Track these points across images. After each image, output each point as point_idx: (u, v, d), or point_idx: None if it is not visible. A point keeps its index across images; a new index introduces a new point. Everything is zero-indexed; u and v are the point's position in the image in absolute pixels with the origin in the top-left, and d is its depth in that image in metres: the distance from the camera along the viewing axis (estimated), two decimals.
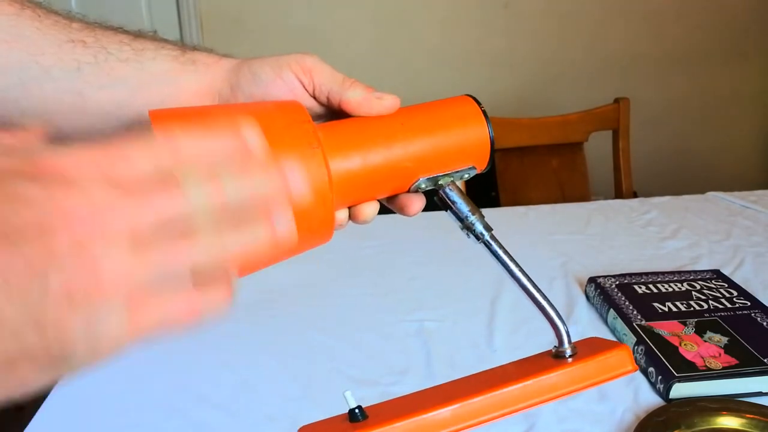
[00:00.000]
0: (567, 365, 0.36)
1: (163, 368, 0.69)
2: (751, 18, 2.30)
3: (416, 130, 0.37)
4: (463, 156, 0.39)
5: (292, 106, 0.34)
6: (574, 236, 1.01)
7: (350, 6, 2.18)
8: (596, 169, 1.74)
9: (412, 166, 0.37)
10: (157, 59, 0.38)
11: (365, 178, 0.35)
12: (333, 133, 0.35)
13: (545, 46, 2.27)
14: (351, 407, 0.35)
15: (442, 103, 0.40)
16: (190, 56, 0.39)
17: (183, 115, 0.33)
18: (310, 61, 0.37)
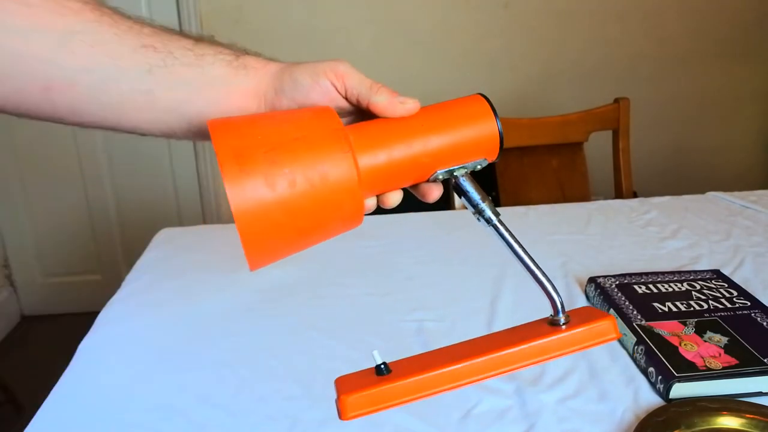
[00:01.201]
0: (561, 331, 0.44)
1: (163, 368, 0.69)
2: (752, 18, 2.30)
3: (433, 130, 0.42)
4: (475, 150, 0.44)
5: (327, 114, 0.41)
6: (574, 236, 1.01)
7: (350, 6, 2.18)
8: (596, 169, 1.74)
9: (431, 161, 0.43)
10: (215, 64, 0.44)
11: (389, 171, 0.42)
12: (362, 134, 0.41)
13: (545, 46, 2.27)
14: (377, 363, 0.42)
15: (457, 102, 0.45)
16: (242, 61, 0.45)
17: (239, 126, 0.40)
18: (342, 68, 0.43)
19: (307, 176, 0.38)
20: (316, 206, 0.39)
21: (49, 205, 2.30)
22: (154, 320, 0.79)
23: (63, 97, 0.43)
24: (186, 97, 0.44)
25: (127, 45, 0.43)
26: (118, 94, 0.43)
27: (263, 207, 0.38)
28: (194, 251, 0.99)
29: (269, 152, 0.38)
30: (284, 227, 0.39)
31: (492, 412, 0.60)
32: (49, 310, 2.42)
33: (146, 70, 0.43)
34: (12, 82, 0.42)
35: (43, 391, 0.65)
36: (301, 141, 0.39)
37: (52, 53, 0.42)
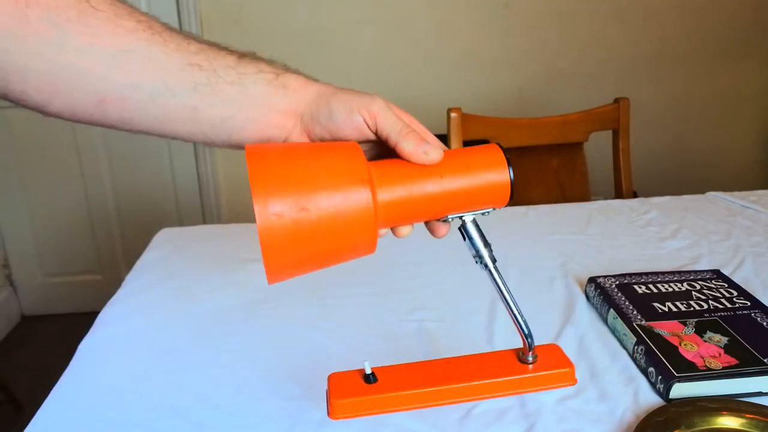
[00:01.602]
0: (527, 372, 0.51)
1: (163, 368, 0.69)
2: (752, 18, 2.30)
3: (450, 181, 0.46)
4: (486, 199, 0.48)
5: (353, 151, 0.45)
6: (574, 236, 1.01)
7: (350, 6, 2.18)
8: (596, 169, 1.74)
9: (444, 206, 0.47)
10: (257, 83, 0.47)
11: (404, 210, 0.46)
12: (384, 172, 0.46)
13: (545, 46, 2.27)
14: (367, 373, 0.50)
15: (474, 150, 0.48)
16: (282, 80, 0.48)
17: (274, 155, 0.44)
18: (376, 108, 0.46)
19: (329, 208, 0.42)
20: (333, 235, 0.43)
21: (49, 205, 2.30)
22: (154, 320, 0.79)
23: (114, 108, 0.46)
24: (228, 114, 0.47)
25: (175, 63, 0.46)
26: (164, 108, 0.47)
27: (285, 230, 0.42)
28: (194, 251, 0.99)
29: (297, 184, 0.42)
30: (303, 250, 0.43)
31: (492, 412, 0.60)
32: (49, 310, 2.42)
33: (192, 87, 0.46)
34: (70, 95, 0.45)
35: (43, 391, 0.65)
36: (327, 176, 0.43)
37: (107, 70, 0.45)
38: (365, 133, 0.47)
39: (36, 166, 2.25)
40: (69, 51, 0.44)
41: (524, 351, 0.52)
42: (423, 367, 0.53)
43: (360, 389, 0.50)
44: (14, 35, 0.42)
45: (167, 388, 0.65)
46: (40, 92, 0.45)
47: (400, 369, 0.52)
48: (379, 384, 0.50)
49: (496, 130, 1.43)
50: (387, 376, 0.51)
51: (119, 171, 2.28)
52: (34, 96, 0.45)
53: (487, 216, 0.50)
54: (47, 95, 0.45)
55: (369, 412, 0.50)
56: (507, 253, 0.94)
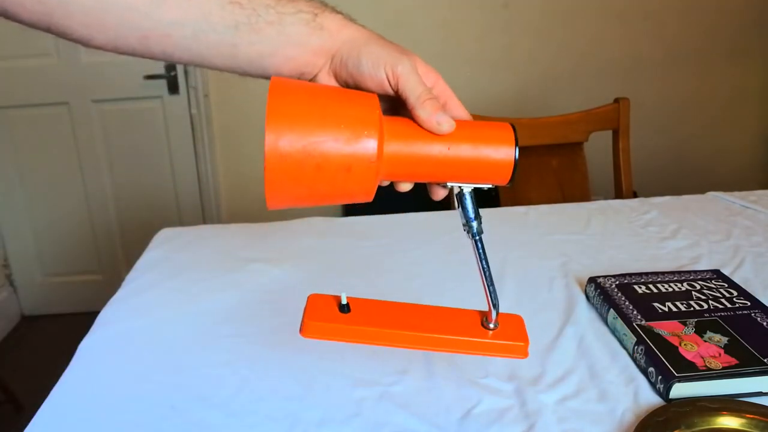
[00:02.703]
0: (486, 337, 0.56)
1: (163, 368, 0.69)
2: (752, 18, 2.30)
3: (456, 151, 0.48)
4: (487, 177, 0.49)
5: (371, 101, 0.47)
6: (574, 236, 1.01)
7: (350, 6, 2.18)
8: (596, 169, 1.74)
9: (446, 175, 0.49)
10: (295, 23, 0.48)
11: (407, 168, 0.48)
12: (395, 127, 0.47)
13: (545, 46, 2.27)
14: (342, 303, 0.55)
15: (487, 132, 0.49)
16: (320, 21, 0.49)
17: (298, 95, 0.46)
18: (400, 68, 0.48)
19: (334, 148, 0.44)
20: (335, 175, 0.45)
21: (49, 206, 2.30)
22: (154, 320, 0.79)
23: (158, 44, 0.47)
24: (266, 52, 0.49)
25: (216, 1, 0.47)
26: (206, 45, 0.48)
27: (290, 162, 0.44)
28: (194, 251, 0.99)
29: (309, 121, 0.44)
30: (304, 183, 0.45)
31: (492, 412, 0.60)
32: (49, 310, 2.42)
33: (233, 26, 0.47)
34: (113, 31, 0.46)
35: (43, 391, 0.65)
36: (340, 119, 0.45)
37: (150, 6, 0.45)
38: (386, 89, 0.49)
39: (36, 166, 2.25)
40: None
41: (488, 317, 0.55)
42: (395, 309, 0.56)
43: (333, 316, 0.54)
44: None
45: (167, 388, 0.65)
46: (85, 27, 0.46)
47: (374, 305, 0.56)
48: (351, 315, 0.54)
49: None
50: (360, 309, 0.54)
51: (119, 171, 2.28)
52: (78, 30, 0.46)
53: (487, 218, 0.53)
54: (91, 30, 0.46)
55: (335, 338, 0.55)
56: (507, 253, 0.94)
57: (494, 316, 0.55)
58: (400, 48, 0.51)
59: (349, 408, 0.61)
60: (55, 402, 0.64)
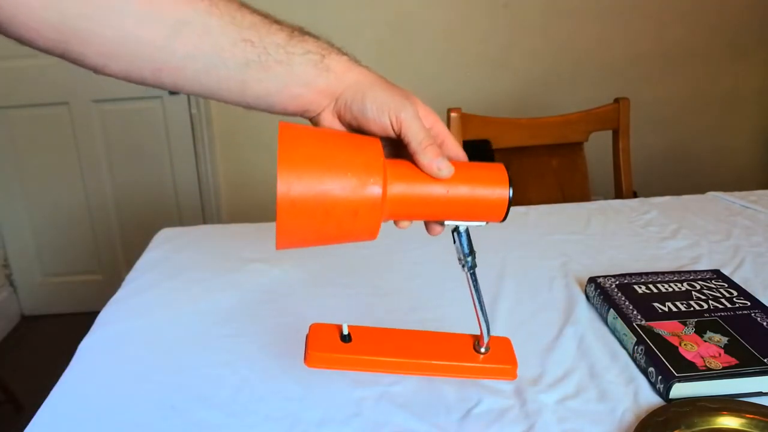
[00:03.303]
0: (477, 361, 0.58)
1: (163, 368, 0.69)
2: (752, 18, 2.30)
3: (455, 192, 0.50)
4: (483, 215, 0.52)
5: (374, 146, 0.49)
6: (574, 236, 1.01)
7: (351, 7, 2.18)
8: (596, 169, 1.74)
9: (445, 214, 0.52)
10: (303, 64, 0.50)
11: (408, 208, 0.51)
12: (398, 171, 0.50)
13: (545, 46, 2.27)
14: (344, 333, 0.57)
15: (483, 173, 0.52)
16: (327, 63, 0.50)
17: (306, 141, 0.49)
18: (404, 115, 0.49)
19: (343, 193, 0.47)
20: (342, 217, 0.48)
21: (49, 205, 2.30)
22: (154, 320, 0.79)
23: (169, 76, 0.48)
24: (274, 90, 0.50)
25: (229, 38, 0.48)
26: (216, 80, 0.49)
27: (301, 206, 0.46)
28: (194, 251, 0.99)
29: (318, 167, 0.47)
30: (313, 226, 0.48)
31: (492, 412, 0.60)
32: (49, 310, 2.42)
33: (243, 63, 0.48)
34: (128, 61, 0.47)
35: (43, 391, 0.65)
36: (347, 165, 0.47)
37: (166, 40, 0.46)
38: (389, 133, 0.50)
39: (36, 166, 2.25)
40: (130, 17, 0.45)
41: (480, 342, 0.58)
42: (394, 336, 0.59)
43: (335, 346, 0.56)
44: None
45: (167, 388, 0.65)
46: (100, 56, 0.46)
47: (373, 333, 0.59)
48: (353, 344, 0.57)
49: (496, 130, 1.43)
50: (361, 338, 0.57)
51: (119, 171, 2.28)
52: (93, 58, 0.46)
53: None
54: (106, 59, 0.46)
55: (339, 368, 0.57)
56: (507, 253, 0.94)
57: (486, 341, 0.58)
58: (402, 92, 0.52)
59: (349, 408, 0.61)
60: (55, 402, 0.64)
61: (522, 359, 0.68)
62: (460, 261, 0.56)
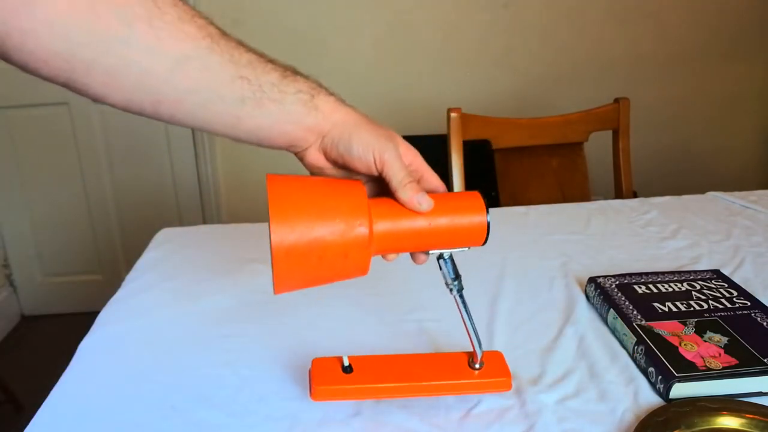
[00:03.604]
0: (473, 377, 0.61)
1: (163, 368, 0.69)
2: (753, 18, 2.30)
3: (436, 224, 0.54)
4: (465, 241, 0.56)
5: (358, 189, 0.53)
6: (574, 236, 1.01)
7: (350, 7, 2.18)
8: (596, 169, 1.74)
9: (428, 244, 0.55)
10: (294, 103, 0.52)
11: (394, 243, 0.54)
12: (381, 209, 0.53)
13: (545, 46, 2.27)
14: (345, 365, 0.60)
15: (460, 203, 0.55)
16: (316, 102, 0.53)
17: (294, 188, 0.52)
18: (387, 155, 0.53)
19: (332, 236, 0.50)
20: (334, 259, 0.51)
21: (49, 205, 2.30)
22: (154, 320, 0.79)
23: (168, 109, 0.50)
24: (265, 126, 0.52)
25: (227, 74, 0.50)
26: (212, 114, 0.51)
27: (295, 253, 0.49)
28: (194, 251, 0.99)
29: (308, 214, 0.50)
30: (308, 269, 0.51)
31: (492, 412, 0.60)
32: (49, 310, 2.42)
33: (239, 99, 0.50)
34: (130, 92, 0.48)
35: (43, 391, 0.65)
36: (334, 210, 0.51)
37: (168, 74, 0.48)
38: (372, 171, 0.53)
39: (36, 166, 2.25)
40: (135, 49, 0.46)
41: (474, 359, 0.61)
42: (392, 361, 0.63)
43: (338, 378, 0.59)
44: (85, 29, 0.44)
45: (167, 388, 0.65)
46: (103, 86, 0.47)
47: (373, 361, 0.62)
48: (354, 374, 0.60)
49: (496, 130, 1.43)
50: (361, 368, 0.61)
51: (119, 171, 2.28)
52: (96, 88, 0.47)
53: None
54: (108, 89, 0.48)
55: (344, 398, 0.60)
56: (507, 253, 0.94)
57: (479, 357, 0.61)
58: (385, 132, 0.54)
59: (349, 408, 0.61)
60: (55, 402, 0.64)
61: (522, 359, 0.68)
62: (448, 286, 0.59)
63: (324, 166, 0.56)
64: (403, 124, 2.29)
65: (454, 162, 1.38)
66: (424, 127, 2.27)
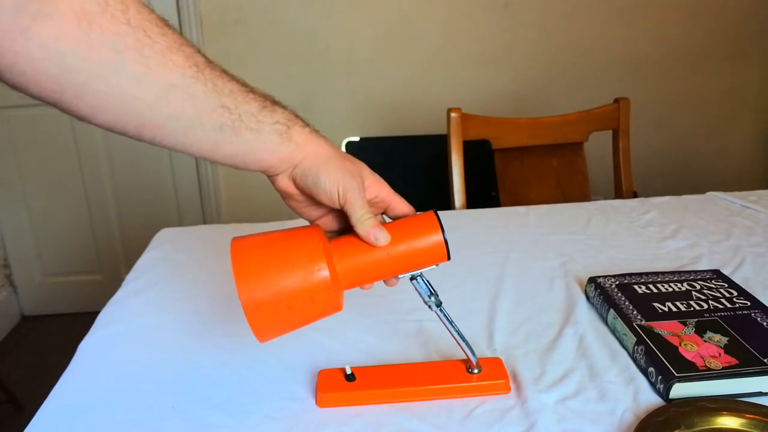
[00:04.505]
0: (472, 380, 0.63)
1: (163, 368, 0.69)
2: (752, 18, 2.30)
3: (396, 251, 0.57)
4: (428, 261, 0.58)
5: (315, 236, 0.56)
6: (574, 236, 1.01)
7: (350, 7, 2.18)
8: (596, 169, 1.74)
9: (393, 271, 0.58)
10: (270, 133, 0.54)
11: (359, 277, 0.57)
12: (341, 248, 0.57)
13: (545, 46, 2.27)
14: (347, 373, 0.64)
15: (416, 227, 0.58)
16: (291, 134, 0.55)
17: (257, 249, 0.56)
18: (350, 194, 0.55)
19: (298, 284, 0.53)
20: (305, 304, 0.54)
21: (49, 205, 2.30)
22: (154, 320, 0.79)
23: (150, 132, 0.52)
24: (241, 152, 0.54)
25: (210, 103, 0.52)
26: (193, 139, 0.53)
27: (267, 308, 0.54)
28: (194, 251, 0.99)
29: (271, 270, 0.54)
30: (282, 320, 0.55)
31: (492, 412, 0.60)
32: (49, 310, 2.42)
33: (219, 126, 0.52)
34: (116, 115, 0.50)
35: (43, 391, 0.65)
36: (295, 260, 0.54)
37: (154, 100, 0.49)
38: (336, 205, 0.56)
39: (36, 166, 2.25)
40: (125, 76, 0.48)
41: (470, 365, 0.64)
42: (393, 370, 0.65)
43: (342, 386, 0.63)
44: (78, 55, 0.45)
45: (167, 388, 0.65)
46: (90, 107, 0.49)
47: (374, 370, 0.65)
48: (357, 382, 0.63)
49: (496, 130, 1.43)
50: (363, 376, 0.64)
51: (119, 171, 2.28)
52: (84, 109, 0.49)
53: (487, 218, 0.57)
54: (95, 111, 0.49)
55: (348, 404, 0.62)
56: (507, 253, 0.94)
57: (474, 362, 0.63)
58: (352, 168, 0.57)
59: (350, 408, 0.61)
60: (55, 402, 0.64)
61: (522, 359, 0.68)
62: (426, 303, 0.61)
63: (293, 192, 0.58)
64: (403, 124, 2.29)
65: (454, 162, 1.38)
66: (424, 127, 2.27)
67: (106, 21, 0.46)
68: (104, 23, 0.46)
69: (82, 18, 0.45)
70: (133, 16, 0.47)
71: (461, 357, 0.65)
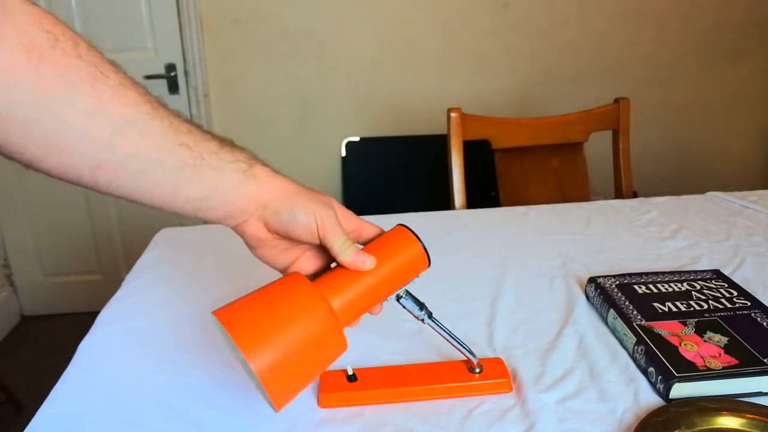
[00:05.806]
0: (474, 379, 0.63)
1: (163, 368, 0.69)
2: (752, 18, 2.30)
3: (385, 273, 0.56)
4: (413, 273, 0.59)
5: (299, 281, 0.53)
6: (574, 236, 1.01)
7: (350, 7, 2.18)
8: (596, 169, 1.75)
9: (385, 292, 0.58)
10: (233, 171, 0.52)
11: (357, 308, 0.56)
12: (329, 285, 0.55)
13: (546, 47, 2.27)
14: (349, 374, 0.64)
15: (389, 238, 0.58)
16: (253, 171, 0.53)
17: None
18: (327, 222, 0.54)
19: (304, 332, 0.51)
20: (315, 352, 0.52)
21: (49, 205, 2.30)
22: (154, 320, 0.79)
23: (107, 175, 0.48)
24: (204, 194, 0.52)
25: (169, 141, 0.49)
26: (152, 181, 0.50)
27: (278, 369, 0.49)
28: (194, 251, 0.99)
29: (271, 329, 0.50)
30: (296, 375, 0.51)
31: (492, 412, 0.60)
32: (49, 310, 2.42)
33: (179, 166, 0.50)
34: (68, 156, 0.46)
35: (43, 391, 0.65)
36: (291, 313, 0.51)
37: (110, 137, 0.46)
38: (314, 238, 0.54)
39: None
40: (78, 111, 0.45)
41: (471, 365, 0.64)
42: (394, 371, 0.65)
43: (343, 386, 0.63)
44: (28, 87, 0.43)
45: (167, 388, 0.65)
46: (40, 148, 0.45)
47: (376, 371, 0.65)
48: (358, 383, 0.63)
49: (496, 130, 1.43)
50: (365, 377, 0.64)
51: None
52: (32, 150, 0.45)
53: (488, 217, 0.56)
54: (45, 152, 0.46)
55: (350, 404, 0.62)
56: (507, 253, 0.94)
57: (475, 362, 0.63)
58: (323, 198, 0.56)
59: (350, 408, 0.61)
60: (55, 402, 0.64)
61: (522, 359, 0.68)
62: (417, 318, 0.61)
63: (265, 237, 0.56)
64: (403, 124, 2.29)
65: (454, 162, 1.38)
66: (424, 127, 2.27)
67: (57, 55, 0.44)
68: (55, 57, 0.43)
69: (32, 51, 0.42)
70: (83, 52, 0.45)
71: (462, 358, 0.65)
